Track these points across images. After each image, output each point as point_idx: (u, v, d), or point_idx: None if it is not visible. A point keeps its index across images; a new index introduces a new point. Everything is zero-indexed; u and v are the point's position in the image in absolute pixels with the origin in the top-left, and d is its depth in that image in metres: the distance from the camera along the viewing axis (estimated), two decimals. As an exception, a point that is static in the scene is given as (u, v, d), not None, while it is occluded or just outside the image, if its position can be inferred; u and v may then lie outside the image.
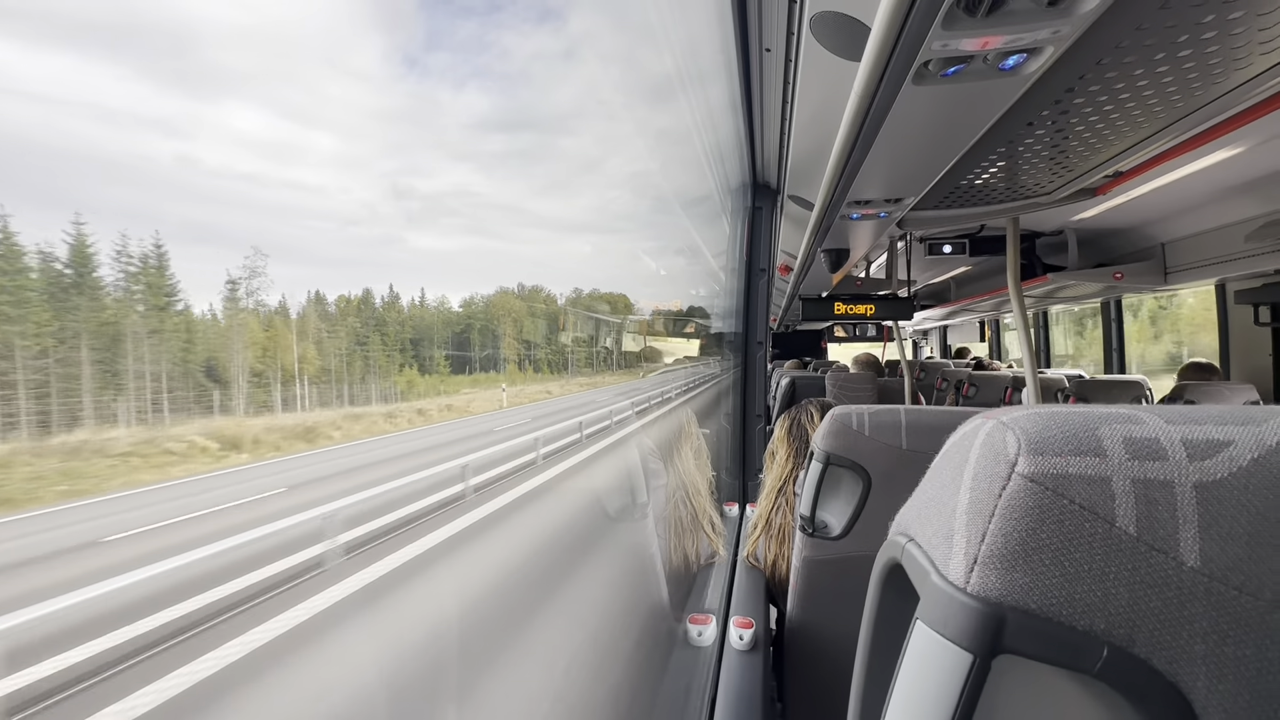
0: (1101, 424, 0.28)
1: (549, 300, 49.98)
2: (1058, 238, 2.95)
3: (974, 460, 0.30)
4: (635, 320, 37.65)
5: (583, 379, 42.00)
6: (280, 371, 23.46)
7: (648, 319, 8.38)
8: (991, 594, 0.27)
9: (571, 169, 61.31)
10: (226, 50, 44.31)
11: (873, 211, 1.64)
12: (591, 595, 1.46)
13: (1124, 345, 4.20)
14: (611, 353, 38.81)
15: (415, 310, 42.09)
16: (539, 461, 8.97)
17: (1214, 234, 2.40)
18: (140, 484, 9.36)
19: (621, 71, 6.85)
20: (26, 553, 5.45)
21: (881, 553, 0.38)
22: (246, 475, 10.33)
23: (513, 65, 57.73)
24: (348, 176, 48.31)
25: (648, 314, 8.31)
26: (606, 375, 41.55)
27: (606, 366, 41.42)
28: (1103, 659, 0.25)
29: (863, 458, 1.05)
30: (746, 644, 1.17)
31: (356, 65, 52.12)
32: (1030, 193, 1.66)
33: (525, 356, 45.03)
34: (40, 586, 4.67)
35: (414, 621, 4.83)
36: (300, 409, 22.11)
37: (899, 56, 0.78)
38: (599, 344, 41.93)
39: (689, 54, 1.64)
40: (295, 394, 22.85)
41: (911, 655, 0.31)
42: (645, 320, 8.58)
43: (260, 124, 46.44)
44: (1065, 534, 0.26)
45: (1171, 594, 0.26)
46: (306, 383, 25.06)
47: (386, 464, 11.22)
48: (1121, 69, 0.92)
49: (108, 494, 7.78)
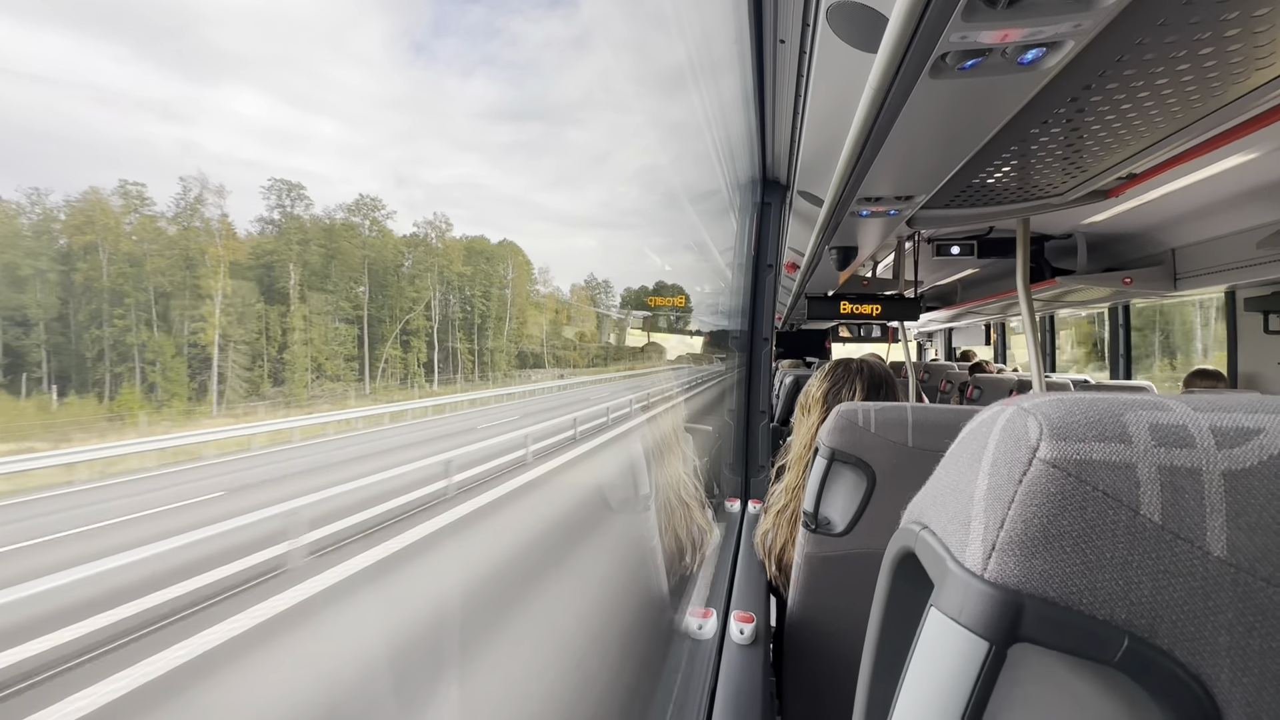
0: (1126, 410, 0.28)
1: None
2: (1067, 241, 2.93)
3: (993, 446, 0.29)
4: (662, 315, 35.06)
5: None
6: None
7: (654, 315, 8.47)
8: (1010, 581, 0.26)
9: (580, 162, 60.78)
10: (225, 31, 43.19)
11: (883, 209, 1.63)
12: (591, 587, 1.46)
13: (1131, 351, 4.18)
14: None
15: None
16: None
17: (1225, 240, 2.38)
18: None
19: (633, 62, 6.81)
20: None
21: (893, 541, 0.38)
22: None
23: (521, 53, 57.01)
24: (350, 165, 47.44)
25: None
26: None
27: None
28: (1123, 649, 0.25)
29: (868, 454, 1.04)
30: (747, 638, 1.17)
31: (360, 49, 51.29)
32: (1042, 193, 1.64)
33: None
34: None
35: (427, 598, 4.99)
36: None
37: (916, 48, 0.77)
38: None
39: (702, 45, 1.63)
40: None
41: (925, 643, 0.30)
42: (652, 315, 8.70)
43: (262, 109, 45.79)
44: (1087, 521, 0.26)
45: (1196, 584, 0.25)
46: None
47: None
48: (1140, 67, 0.90)
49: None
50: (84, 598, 4.58)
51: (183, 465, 11.64)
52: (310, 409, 25.93)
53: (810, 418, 1.46)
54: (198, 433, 14.08)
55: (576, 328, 46.65)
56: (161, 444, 12.80)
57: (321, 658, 4.25)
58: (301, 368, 29.59)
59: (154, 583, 4.85)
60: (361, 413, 19.25)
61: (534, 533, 5.93)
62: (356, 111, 50.45)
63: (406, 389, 34.43)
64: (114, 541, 7.28)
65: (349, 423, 17.31)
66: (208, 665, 3.96)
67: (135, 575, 4.85)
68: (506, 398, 25.61)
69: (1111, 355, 4.27)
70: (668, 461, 1.56)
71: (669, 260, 43.46)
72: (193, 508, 8.64)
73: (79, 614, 4.33)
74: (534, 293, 44.82)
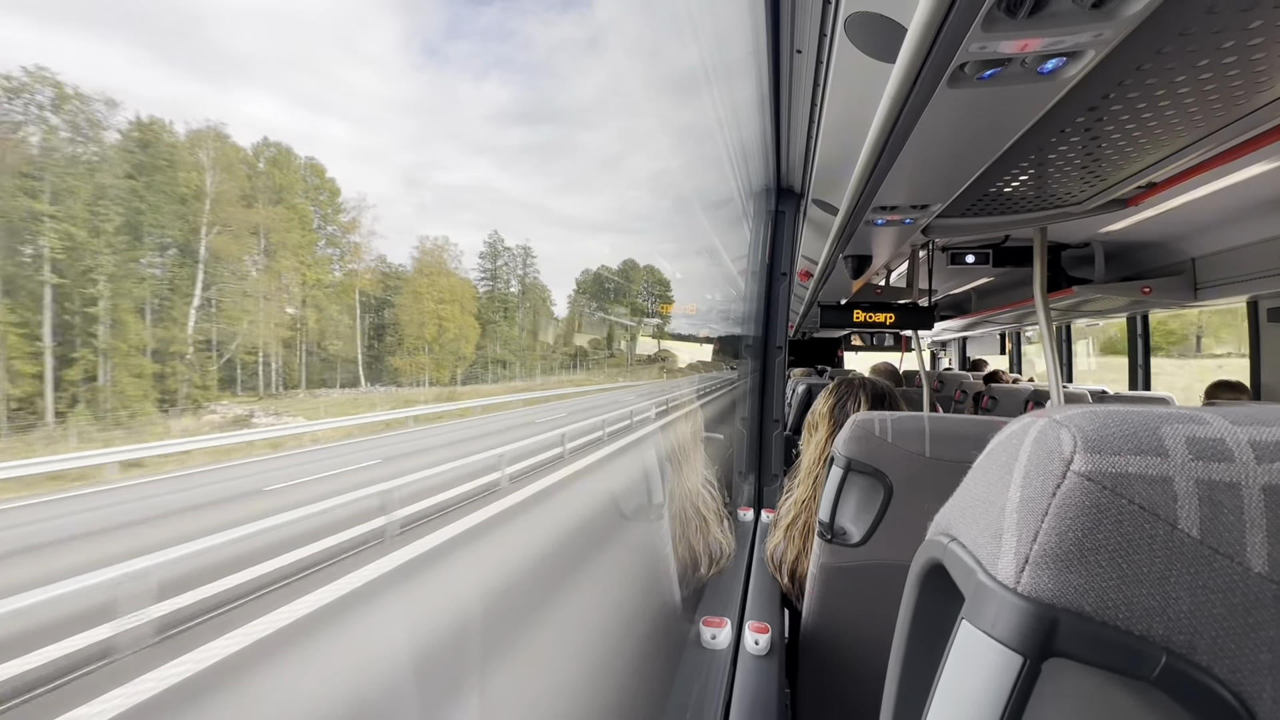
0: (1163, 423, 0.28)
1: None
2: (1084, 250, 2.90)
3: (1025, 458, 0.29)
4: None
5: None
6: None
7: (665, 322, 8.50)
8: (1044, 594, 0.26)
9: (591, 166, 60.70)
10: (236, 31, 42.48)
11: (898, 218, 1.63)
12: (604, 594, 1.46)
13: (1150, 362, 4.12)
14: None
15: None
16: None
17: (1248, 250, 2.35)
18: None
19: (646, 67, 6.82)
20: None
21: (920, 553, 0.37)
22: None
23: (535, 55, 57.04)
24: (362, 169, 46.81)
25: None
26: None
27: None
28: (1161, 666, 0.25)
29: (884, 464, 1.04)
30: (762, 649, 1.16)
31: (372, 52, 51.32)
32: (1060, 202, 1.63)
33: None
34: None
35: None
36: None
37: (935, 58, 0.77)
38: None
39: (717, 53, 1.64)
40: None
41: (956, 656, 0.30)
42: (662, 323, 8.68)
43: (273, 111, 45.64)
44: (1124, 535, 0.26)
45: (1237, 600, 0.25)
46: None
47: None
48: (1162, 75, 0.90)
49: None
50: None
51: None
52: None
53: (818, 434, 1.50)
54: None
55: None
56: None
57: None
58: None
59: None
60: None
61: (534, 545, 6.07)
62: (369, 114, 49.99)
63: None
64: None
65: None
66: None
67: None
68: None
69: (1130, 366, 4.21)
70: (684, 471, 1.56)
71: (679, 266, 42.47)
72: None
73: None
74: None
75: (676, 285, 41.91)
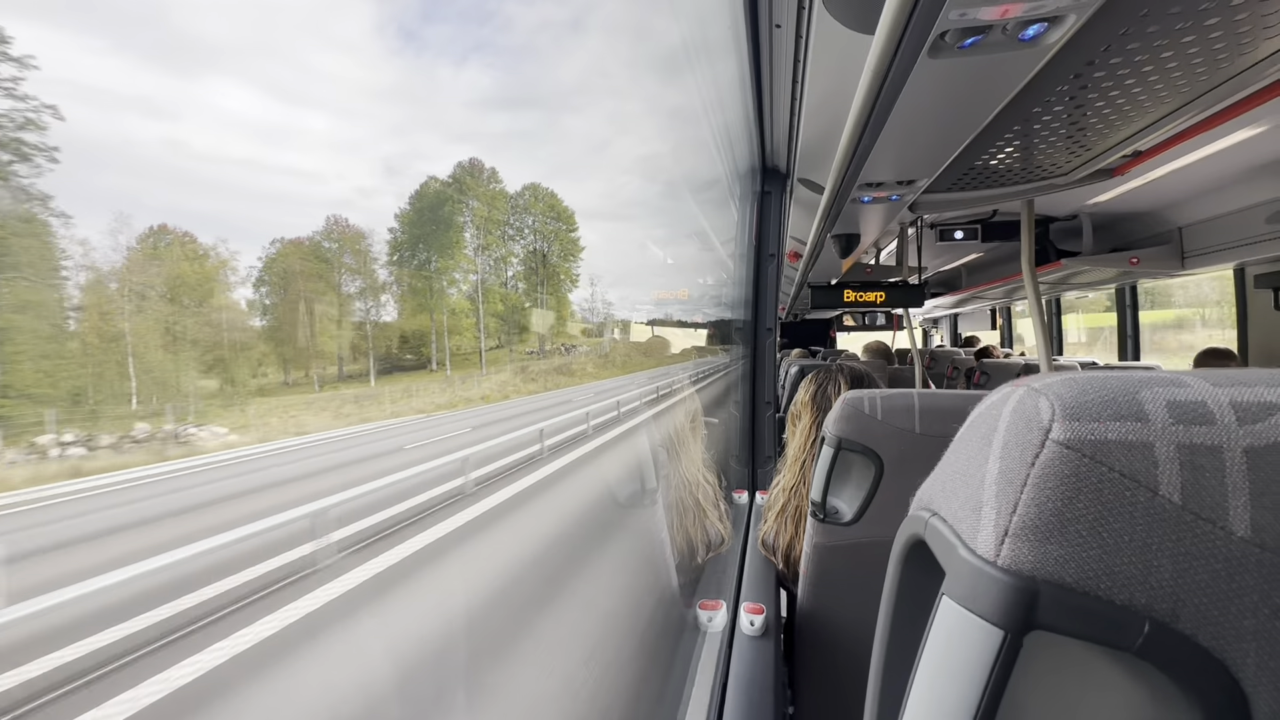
0: (1142, 387, 0.27)
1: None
2: (1072, 222, 2.90)
3: (1003, 428, 0.28)
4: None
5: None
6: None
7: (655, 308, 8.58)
8: (1024, 567, 0.25)
9: (579, 152, 59.82)
10: (204, 20, 40.84)
11: (884, 194, 1.61)
12: (602, 581, 1.46)
13: (1139, 332, 4.15)
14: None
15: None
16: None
17: (1233, 217, 2.35)
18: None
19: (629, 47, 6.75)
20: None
21: (902, 529, 0.37)
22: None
23: (516, 38, 55.77)
24: (343, 162, 45.72)
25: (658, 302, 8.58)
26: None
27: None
28: (1144, 635, 0.24)
29: (875, 442, 1.03)
30: (757, 630, 1.16)
31: (348, 37, 49.86)
32: (1046, 173, 1.62)
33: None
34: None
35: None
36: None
37: (915, 28, 0.75)
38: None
39: (698, 31, 1.61)
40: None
41: (937, 632, 0.29)
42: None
43: (248, 103, 44.49)
44: (1104, 503, 0.25)
45: (1219, 566, 0.24)
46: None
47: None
48: (1145, 40, 0.89)
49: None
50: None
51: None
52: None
53: (801, 422, 1.51)
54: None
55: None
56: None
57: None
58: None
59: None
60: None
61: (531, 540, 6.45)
62: (348, 103, 48.76)
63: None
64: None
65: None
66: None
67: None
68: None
69: (1120, 336, 4.23)
70: (682, 460, 1.56)
71: (670, 252, 41.90)
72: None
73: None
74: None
75: (668, 271, 41.42)
